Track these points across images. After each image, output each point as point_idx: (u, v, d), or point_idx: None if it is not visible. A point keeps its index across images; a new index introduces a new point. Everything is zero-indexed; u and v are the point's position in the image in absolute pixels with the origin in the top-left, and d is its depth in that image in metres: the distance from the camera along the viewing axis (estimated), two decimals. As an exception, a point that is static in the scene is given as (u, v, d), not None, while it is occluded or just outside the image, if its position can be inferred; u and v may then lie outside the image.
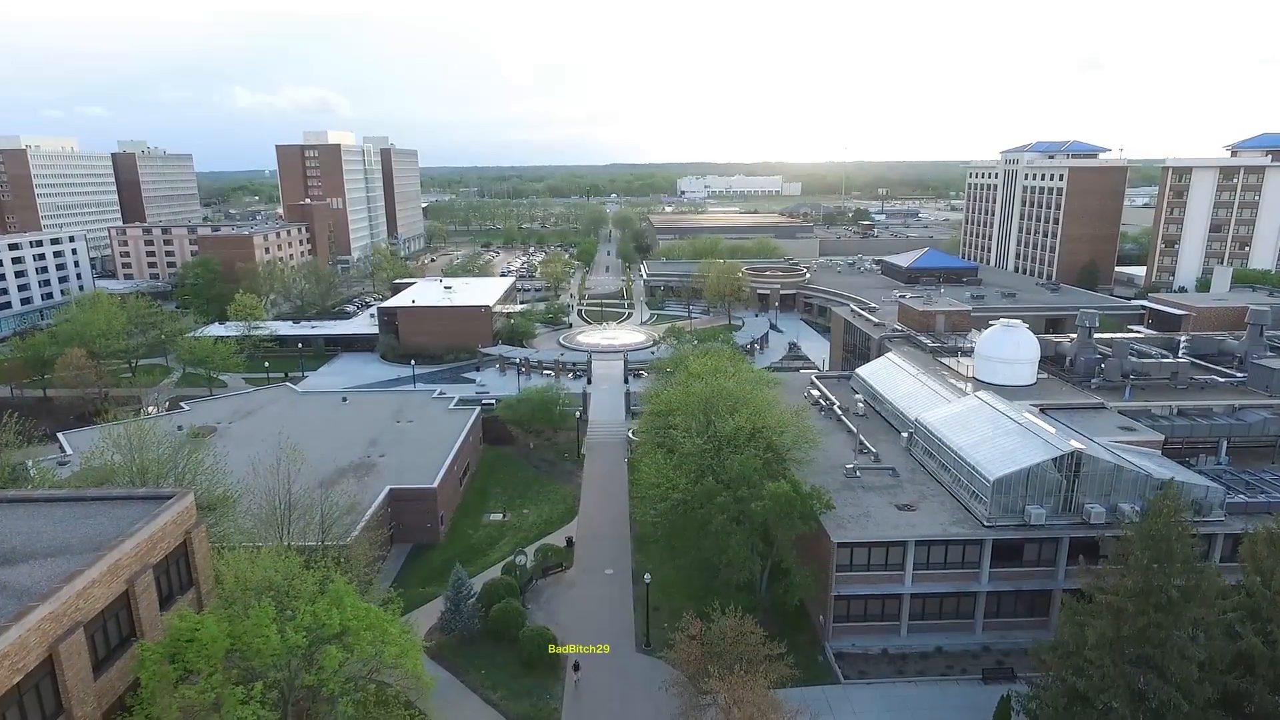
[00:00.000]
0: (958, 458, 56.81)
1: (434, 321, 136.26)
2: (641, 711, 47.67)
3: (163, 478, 45.83)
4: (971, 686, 49.81)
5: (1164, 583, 35.91)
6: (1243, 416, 64.01)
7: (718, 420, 59.10)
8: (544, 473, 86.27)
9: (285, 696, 31.79)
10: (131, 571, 35.77)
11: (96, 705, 33.02)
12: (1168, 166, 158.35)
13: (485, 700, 49.26)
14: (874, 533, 52.64)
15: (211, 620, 32.26)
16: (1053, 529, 52.04)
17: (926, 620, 54.47)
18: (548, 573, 64.29)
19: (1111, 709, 36.65)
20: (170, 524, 39.08)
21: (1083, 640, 38.22)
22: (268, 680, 30.49)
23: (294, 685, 31.63)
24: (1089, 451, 52.41)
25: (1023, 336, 69.89)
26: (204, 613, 34.54)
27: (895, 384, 75.41)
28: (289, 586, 34.16)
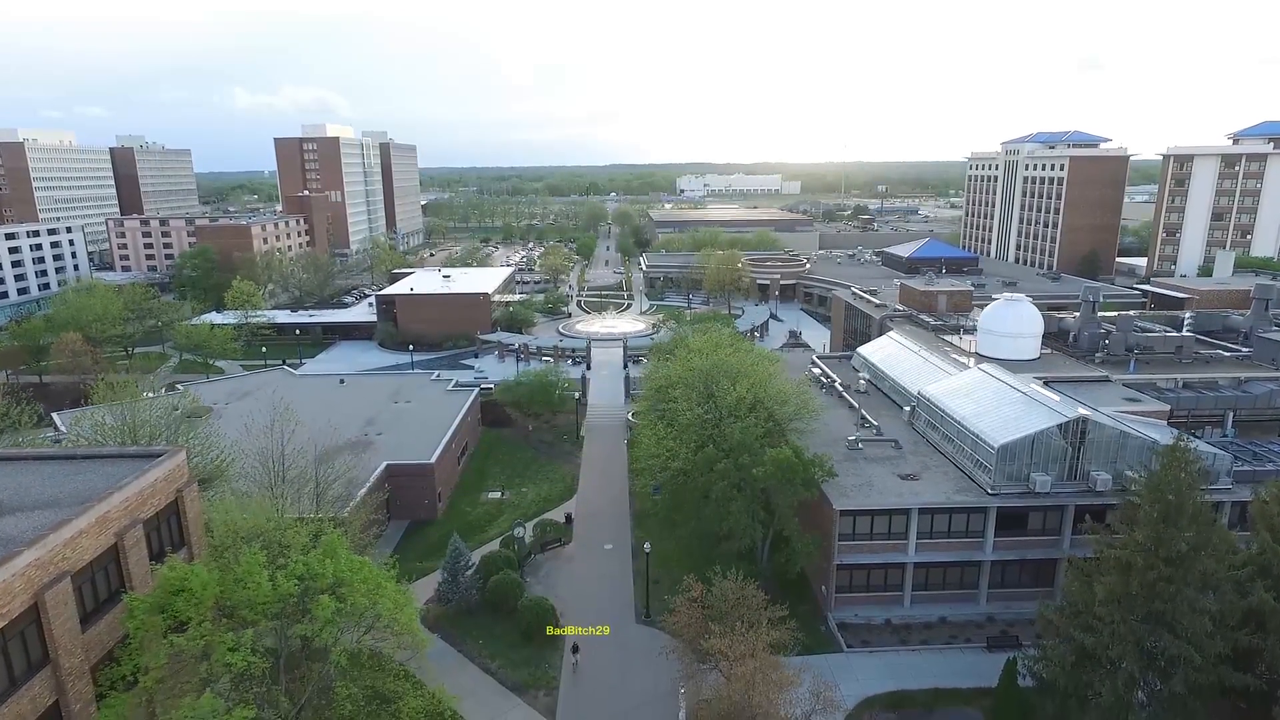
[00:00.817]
0: (961, 427, 56.15)
1: (432, 309, 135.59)
2: (642, 680, 47.00)
3: (155, 440, 45.16)
4: (976, 654, 49.13)
5: (1174, 536, 35.22)
6: (1249, 389, 63.37)
7: (719, 391, 58.47)
8: (543, 453, 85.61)
9: (277, 646, 31.04)
10: (121, 525, 35.10)
11: (84, 658, 32.34)
12: (1169, 154, 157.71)
13: (483, 669, 48.59)
14: (877, 500, 51.97)
15: (201, 568, 31.56)
16: (1058, 496, 51.35)
17: (930, 590, 53.79)
18: (546, 548, 63.59)
19: (1121, 666, 35.98)
20: (161, 480, 38.41)
21: (1090, 598, 37.57)
22: (258, 629, 29.73)
23: (286, 635, 30.90)
24: (1094, 418, 51.75)
25: (1026, 310, 69.22)
26: (194, 563, 33.79)
27: (897, 361, 74.72)
28: (281, 537, 33.41)
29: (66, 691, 31.33)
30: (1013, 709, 41.97)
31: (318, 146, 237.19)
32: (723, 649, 35.55)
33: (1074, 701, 38.03)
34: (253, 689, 29.46)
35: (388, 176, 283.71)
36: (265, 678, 30.21)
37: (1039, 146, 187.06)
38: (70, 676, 31.47)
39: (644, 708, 44.39)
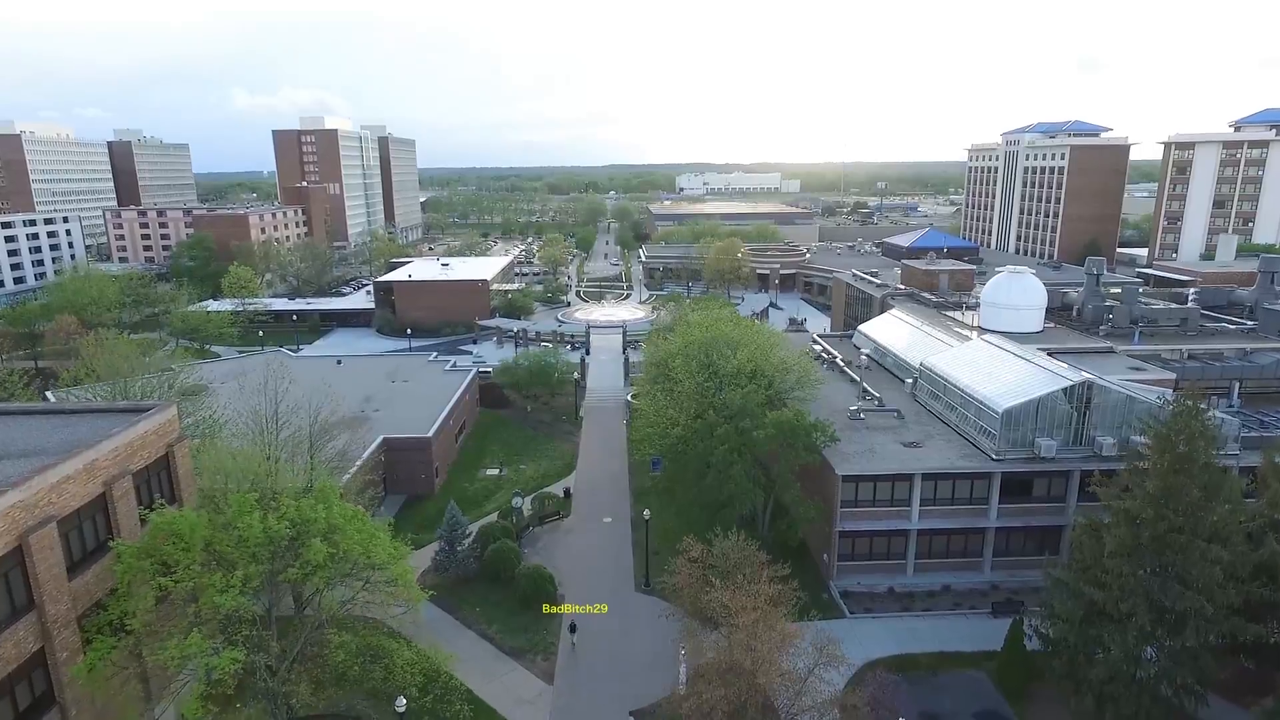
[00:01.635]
0: (965, 395, 55.44)
1: (431, 295, 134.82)
2: (642, 646, 46.24)
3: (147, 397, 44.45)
4: (981, 620, 48.43)
5: (1185, 484, 34.51)
6: (1255, 359, 62.68)
7: (719, 359, 57.78)
8: (541, 432, 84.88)
9: (267, 590, 30.28)
10: (109, 475, 34.44)
11: (71, 606, 31.63)
12: (1170, 142, 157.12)
13: (480, 635, 47.84)
14: (880, 466, 51.25)
15: (190, 512, 30.84)
16: (1063, 462, 50.63)
17: (934, 559, 53.04)
18: (545, 520, 62.85)
19: (1131, 620, 35.24)
20: (151, 433, 37.75)
21: (1099, 552, 36.86)
22: (248, 572, 28.97)
23: (276, 579, 30.14)
24: (1100, 382, 51.04)
25: (1029, 282, 68.56)
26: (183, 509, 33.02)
27: (899, 336, 74.02)
28: (273, 483, 32.68)
29: (52, 638, 30.63)
30: (1018, 669, 41.30)
31: (316, 139, 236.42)
32: (724, 602, 34.77)
33: (1082, 659, 37.30)
34: (242, 632, 28.70)
35: (386, 170, 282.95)
36: (255, 622, 29.49)
37: (1039, 136, 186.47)
38: (56, 624, 30.76)
39: (644, 670, 43.61)
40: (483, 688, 42.64)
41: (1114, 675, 36.06)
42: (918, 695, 40.31)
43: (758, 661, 32.31)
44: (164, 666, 27.61)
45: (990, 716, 39.87)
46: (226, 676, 27.09)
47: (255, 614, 29.60)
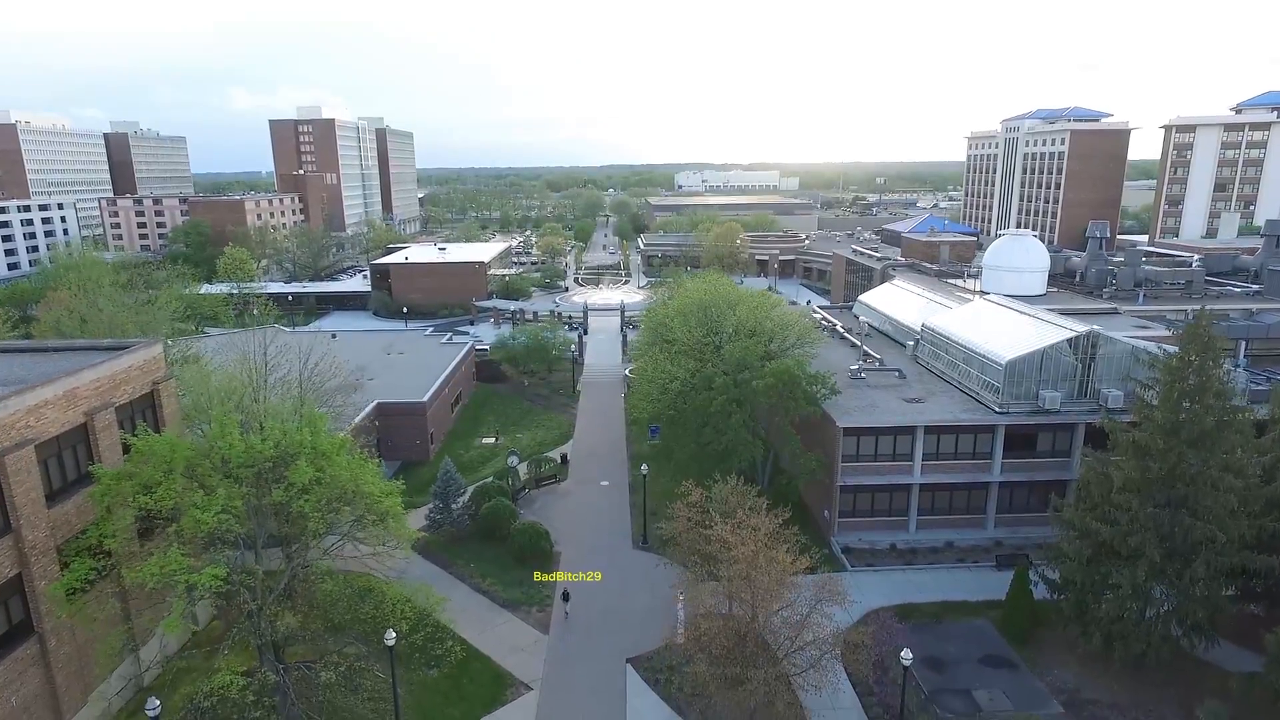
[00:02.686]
0: (967, 351, 54.61)
1: (428, 277, 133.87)
2: (638, 600, 45.32)
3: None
4: (984, 572, 47.57)
5: (1198, 413, 33.66)
6: (1260, 319, 61.87)
7: (718, 316, 56.95)
8: (538, 405, 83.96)
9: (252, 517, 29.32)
10: (91, 405, 33.63)
11: (50, 534, 30.79)
12: (1171, 125, 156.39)
13: (475, 589, 46.91)
14: (881, 419, 50.39)
15: (172, 434, 29.91)
16: (1068, 414, 49.76)
17: (936, 515, 52.16)
18: (541, 484, 61.94)
19: (1140, 556, 34.35)
20: (135, 368, 36.92)
21: (1107, 488, 36.00)
22: (230, 492, 28.03)
23: (261, 502, 29.18)
24: (1105, 333, 50.21)
25: (1031, 245, 67.75)
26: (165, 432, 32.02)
27: (900, 303, 73.18)
28: (260, 408, 31.75)
29: (29, 564, 29.78)
30: (1023, 616, 40.40)
31: (313, 128, 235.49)
32: (724, 536, 33.83)
33: (1090, 598, 36.42)
34: (225, 552, 27.78)
35: (384, 162, 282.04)
36: (239, 545, 28.57)
37: (1039, 123, 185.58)
38: (34, 550, 29.92)
39: (641, 622, 42.66)
40: (477, 637, 41.71)
41: (1123, 613, 35.25)
42: (922, 641, 39.35)
43: (757, 594, 31.40)
44: (143, 584, 26.65)
45: (995, 661, 38.97)
46: (207, 595, 26.13)
47: (239, 535, 28.65)
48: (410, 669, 38.24)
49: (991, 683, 37.25)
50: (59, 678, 31.19)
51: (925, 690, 36.73)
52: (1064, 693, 36.31)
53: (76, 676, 32.13)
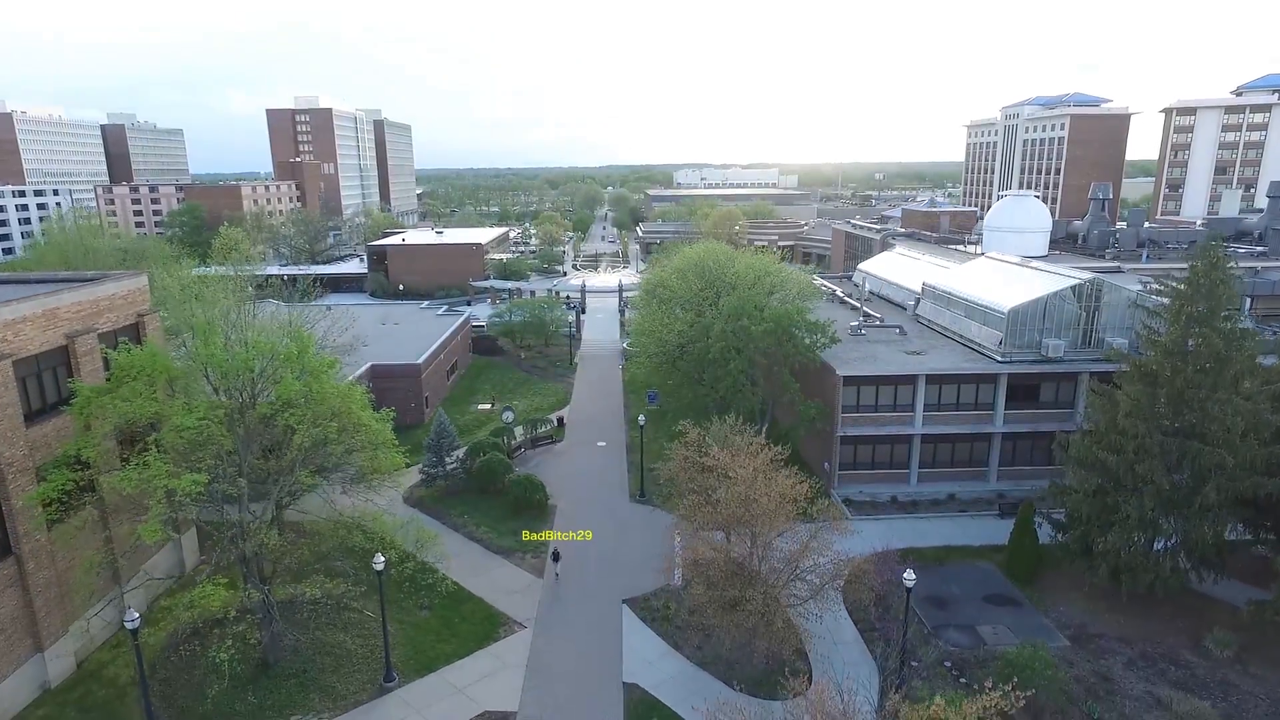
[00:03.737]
0: (969, 303, 53.86)
1: (424, 259, 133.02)
2: (635, 548, 44.39)
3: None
4: (988, 520, 46.78)
5: (1207, 334, 32.88)
6: (1265, 276, 61.14)
7: (717, 268, 56.22)
8: (535, 375, 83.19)
9: (237, 426, 28.43)
10: (72, 328, 32.81)
11: (28, 454, 29.92)
12: (1172, 108, 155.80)
13: (468, 537, 46.04)
14: (882, 369, 49.60)
15: (153, 346, 29.08)
16: (1072, 363, 48.97)
17: (938, 468, 51.34)
18: (537, 444, 61.07)
19: (1147, 484, 33.56)
20: (119, 296, 36.13)
21: (1113, 416, 35.21)
22: (214, 402, 27.22)
23: (246, 414, 28.32)
24: (1110, 280, 49.45)
25: (1033, 205, 67.03)
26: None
27: (900, 268, 72.42)
28: (242, 321, 30.92)
29: (7, 483, 28.94)
30: (1027, 556, 39.57)
31: (310, 118, 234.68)
32: (722, 462, 32.98)
33: (1096, 531, 35.61)
34: (206, 461, 26.93)
35: (382, 153, 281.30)
36: (222, 460, 27.72)
37: (1039, 109, 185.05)
38: (11, 469, 29.07)
39: (637, 568, 41.79)
40: (470, 580, 40.82)
41: (1130, 544, 34.44)
42: (925, 582, 38.46)
43: (755, 517, 30.53)
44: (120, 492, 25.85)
45: (1000, 599, 38.15)
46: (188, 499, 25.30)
47: (223, 450, 27.78)
48: (402, 610, 37.43)
49: (996, 619, 36.42)
50: (37, 602, 30.33)
51: (929, 625, 35.92)
52: (1070, 628, 35.49)
53: (56, 604, 31.26)
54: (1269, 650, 32.97)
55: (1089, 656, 33.21)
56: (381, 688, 31.89)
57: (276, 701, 30.64)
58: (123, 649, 33.32)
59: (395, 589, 37.86)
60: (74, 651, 32.59)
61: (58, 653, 31.41)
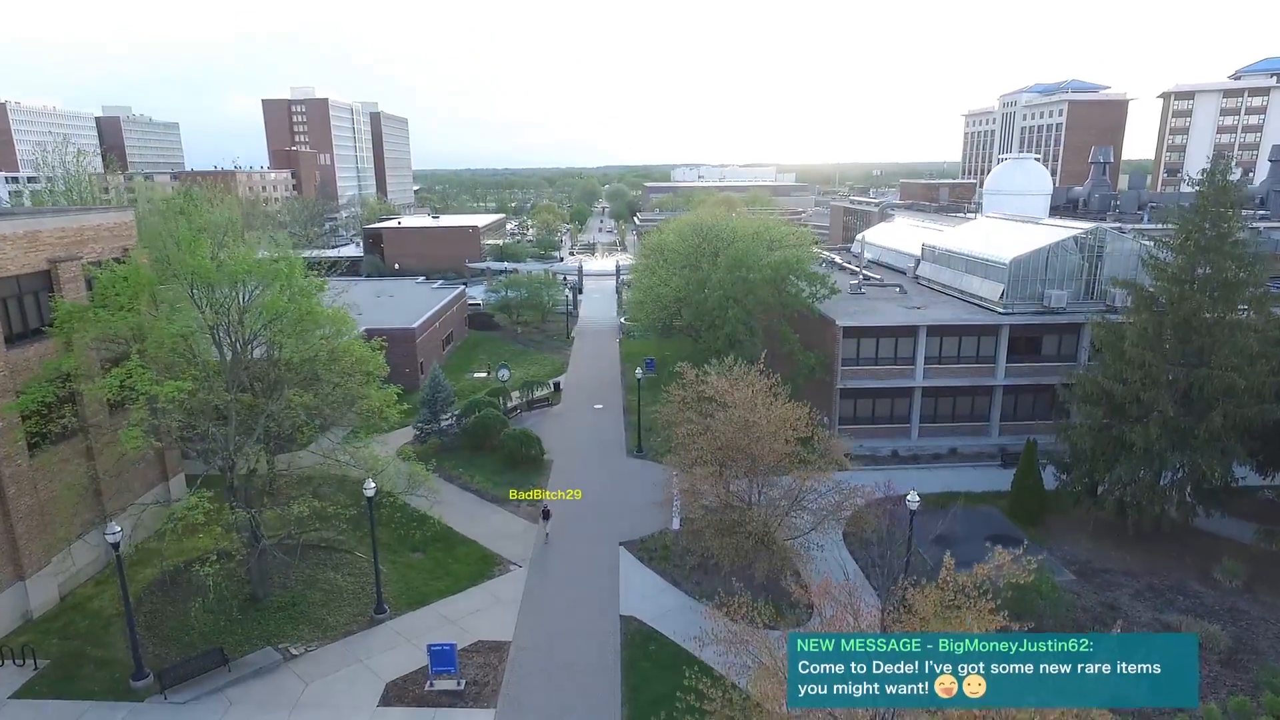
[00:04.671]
0: (969, 259, 53.30)
1: (420, 242, 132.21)
2: (632, 498, 43.60)
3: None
4: (990, 469, 46.21)
5: (1217, 259, 32.30)
6: (1268, 235, 60.62)
7: (715, 229, 55.59)
8: (532, 347, 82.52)
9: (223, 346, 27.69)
10: (55, 253, 32.05)
11: (9, 376, 29.19)
12: (1169, 93, 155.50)
13: (463, 487, 45.38)
14: (882, 319, 48.99)
15: (136, 261, 28.34)
16: (1075, 314, 48.36)
17: (939, 422, 50.70)
18: (534, 406, 60.37)
19: (1154, 412, 32.93)
20: (104, 228, 35.43)
21: (1119, 346, 34.59)
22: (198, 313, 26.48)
23: (232, 331, 27.54)
24: (1113, 229, 48.86)
25: (1033, 168, 66.52)
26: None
27: (899, 234, 71.89)
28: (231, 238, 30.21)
29: (-14, 402, 28.10)
30: (1031, 495, 38.95)
31: (307, 108, 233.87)
32: (722, 389, 32.20)
33: (1100, 465, 35.00)
34: (191, 372, 26.18)
35: (378, 145, 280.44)
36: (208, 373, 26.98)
37: (1037, 96, 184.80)
38: (-10, 387, 28.27)
39: (634, 515, 41.07)
40: (465, 526, 40.14)
41: (1135, 476, 33.82)
42: (929, 524, 37.77)
43: (754, 441, 29.80)
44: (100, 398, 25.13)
45: (1004, 540, 36.67)
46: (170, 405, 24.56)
47: (209, 366, 27.05)
48: (394, 553, 36.71)
49: (999, 557, 35.73)
50: (19, 528, 29.57)
51: (930, 562, 35.17)
52: (1075, 564, 34.86)
53: (38, 532, 30.49)
54: (1279, 580, 32.37)
55: (1095, 589, 32.57)
56: (373, 619, 31.18)
57: (264, 631, 29.91)
58: (107, 585, 32.57)
59: (387, 533, 37.20)
60: (58, 584, 31.84)
61: (40, 583, 30.65)
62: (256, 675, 27.33)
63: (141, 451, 25.82)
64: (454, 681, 26.93)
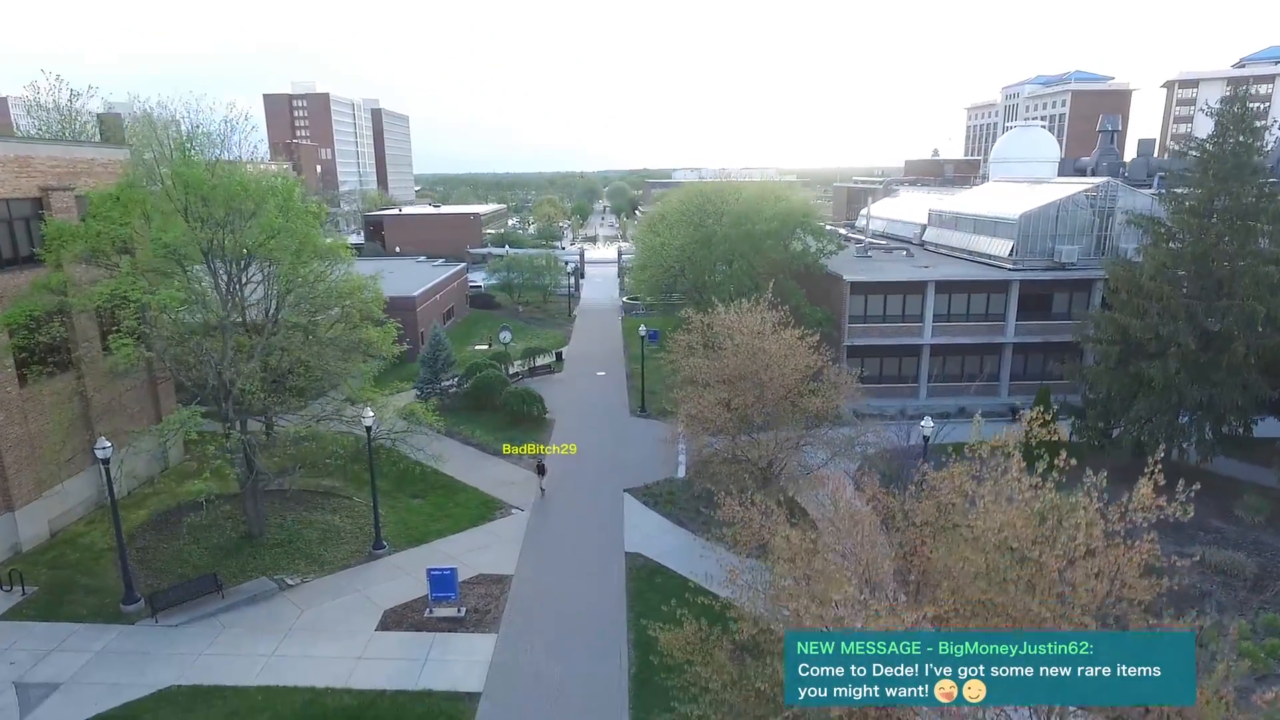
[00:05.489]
0: (978, 219, 52.58)
1: (420, 229, 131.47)
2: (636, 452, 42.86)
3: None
4: (999, 424, 45.07)
5: (1236, 189, 31.55)
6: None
7: (717, 195, 54.86)
8: (533, 324, 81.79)
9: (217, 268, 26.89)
10: (47, 180, 31.32)
11: (-2, 296, 28.34)
12: (1173, 81, 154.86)
13: (464, 442, 44.61)
14: (890, 275, 48.23)
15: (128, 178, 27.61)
16: (1085, 270, 47.57)
17: (948, 381, 49.89)
18: (536, 373, 59.62)
19: (1172, 347, 32.13)
20: (98, 163, 34.85)
21: (1135, 283, 33.83)
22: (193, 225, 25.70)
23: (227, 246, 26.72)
24: (1125, 183, 48.12)
25: (1040, 135, 65.94)
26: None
27: (905, 206, 71.14)
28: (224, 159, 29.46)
29: (-26, 325, 27.34)
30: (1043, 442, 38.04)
31: (308, 103, 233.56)
32: (729, 321, 31.39)
33: (1118, 404, 34.18)
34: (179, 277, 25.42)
35: (379, 141, 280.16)
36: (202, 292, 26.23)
37: (1039, 88, 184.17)
38: (-23, 307, 27.51)
39: (638, 467, 40.26)
40: (465, 475, 39.38)
41: (1154, 414, 33.00)
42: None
43: (761, 364, 28.92)
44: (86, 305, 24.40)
45: (1016, 485, 36.58)
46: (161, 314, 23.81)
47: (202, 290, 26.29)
48: (393, 499, 35.94)
49: (1013, 501, 34.93)
50: (7, 458, 28.79)
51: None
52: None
53: (27, 463, 29.70)
54: (1302, 518, 31.54)
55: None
56: (371, 554, 30.40)
57: (260, 565, 29.09)
58: (99, 523, 31.75)
59: (387, 482, 36.40)
60: (48, 521, 31.04)
61: (30, 515, 29.86)
62: (251, 602, 26.53)
63: (132, 363, 25.02)
64: (454, 608, 26.11)
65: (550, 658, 24.00)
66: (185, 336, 26.34)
